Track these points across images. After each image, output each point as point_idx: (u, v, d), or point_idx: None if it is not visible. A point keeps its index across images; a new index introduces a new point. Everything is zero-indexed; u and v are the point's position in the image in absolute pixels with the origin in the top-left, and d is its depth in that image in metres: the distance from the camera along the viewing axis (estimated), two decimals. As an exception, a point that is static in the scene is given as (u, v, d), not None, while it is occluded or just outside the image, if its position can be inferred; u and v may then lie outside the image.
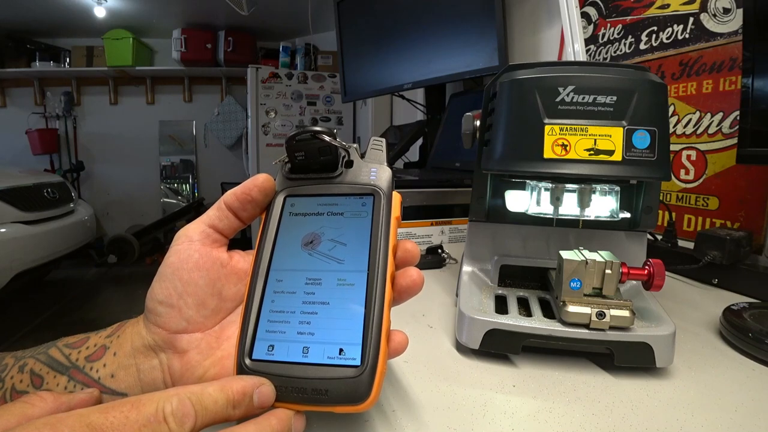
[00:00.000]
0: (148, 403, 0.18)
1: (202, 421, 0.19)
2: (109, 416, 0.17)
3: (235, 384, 0.21)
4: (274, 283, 0.26)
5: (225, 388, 0.20)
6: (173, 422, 0.18)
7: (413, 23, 1.20)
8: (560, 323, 0.34)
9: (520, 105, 0.36)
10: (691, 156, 0.71)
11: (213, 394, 0.20)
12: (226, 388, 0.20)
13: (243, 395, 0.20)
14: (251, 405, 0.21)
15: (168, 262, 0.26)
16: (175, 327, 0.26)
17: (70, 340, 0.28)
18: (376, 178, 0.28)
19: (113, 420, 0.17)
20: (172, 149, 3.86)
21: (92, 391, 0.25)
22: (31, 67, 3.38)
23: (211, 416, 0.19)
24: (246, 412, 0.21)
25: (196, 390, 0.19)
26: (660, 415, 0.28)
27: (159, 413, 0.18)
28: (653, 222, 0.42)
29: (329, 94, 3.22)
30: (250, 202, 0.27)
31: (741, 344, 0.37)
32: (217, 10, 2.83)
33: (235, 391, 0.20)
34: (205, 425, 0.19)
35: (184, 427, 0.18)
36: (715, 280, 0.54)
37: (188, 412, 0.18)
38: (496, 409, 0.29)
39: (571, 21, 0.74)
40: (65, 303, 2.67)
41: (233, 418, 0.20)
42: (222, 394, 0.20)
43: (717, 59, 0.66)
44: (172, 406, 0.18)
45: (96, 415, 0.17)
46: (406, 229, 0.75)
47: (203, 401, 0.19)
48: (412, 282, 0.26)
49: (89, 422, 0.16)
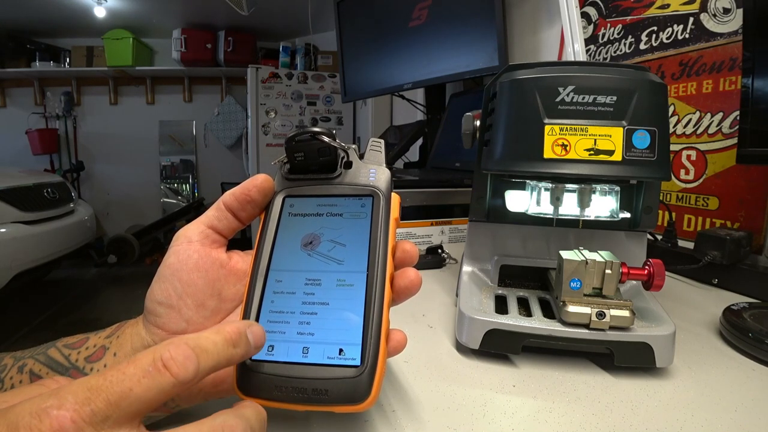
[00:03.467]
0: (144, 356, 0.18)
1: (206, 363, 0.18)
2: (108, 377, 0.17)
3: (229, 326, 0.20)
4: (274, 284, 0.26)
5: (220, 330, 0.20)
6: (175, 367, 0.17)
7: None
8: (560, 323, 0.34)
9: (520, 105, 0.36)
10: (691, 156, 0.71)
11: (210, 336, 0.19)
12: (221, 330, 0.20)
13: (239, 334, 0.20)
14: (248, 344, 0.21)
15: (167, 263, 0.26)
16: (175, 328, 0.26)
17: (70, 340, 0.28)
18: (375, 179, 0.28)
19: (111, 379, 0.17)
20: (172, 149, 3.86)
21: None
22: (31, 67, 3.38)
23: (213, 358, 0.19)
24: (245, 352, 0.21)
25: (192, 336, 0.19)
26: (660, 415, 0.28)
27: (157, 362, 0.17)
28: (653, 222, 0.42)
29: (329, 94, 3.22)
30: (249, 203, 0.27)
31: (741, 344, 0.37)
32: (217, 10, 2.83)
33: (230, 331, 0.20)
34: (210, 369, 0.19)
35: (188, 370, 0.18)
36: (715, 280, 0.54)
37: (189, 354, 0.18)
38: (496, 409, 0.29)
39: (571, 21, 0.74)
40: (65, 303, 2.67)
41: (235, 358, 0.20)
42: (219, 335, 0.20)
43: (717, 59, 0.66)
44: (170, 352, 0.18)
45: (95, 379, 0.17)
46: (406, 229, 0.75)
47: (202, 344, 0.19)
48: (410, 282, 0.26)
49: (89, 386, 0.16)
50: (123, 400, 0.16)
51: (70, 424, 0.15)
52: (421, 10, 1.18)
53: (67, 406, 0.16)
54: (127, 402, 0.17)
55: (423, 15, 1.17)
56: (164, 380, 0.17)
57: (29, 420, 0.15)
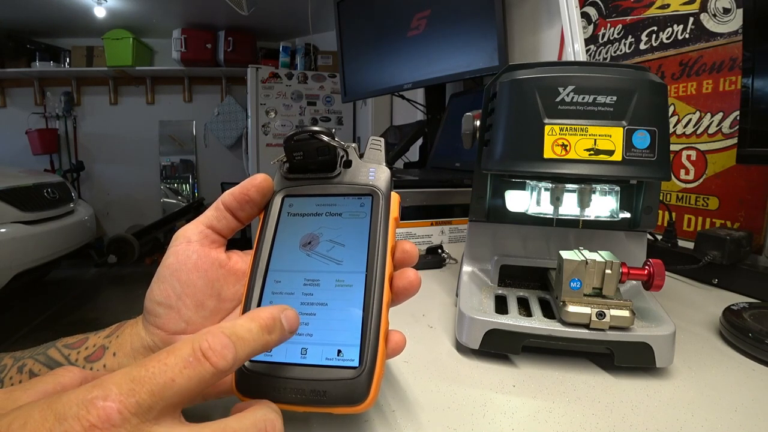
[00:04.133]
0: (183, 346, 0.18)
1: (243, 350, 0.19)
2: (149, 368, 0.17)
3: (263, 312, 0.20)
4: (273, 284, 0.25)
5: (254, 317, 0.20)
6: (214, 357, 0.18)
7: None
8: (560, 323, 0.34)
9: (520, 105, 0.36)
10: (691, 156, 0.70)
11: (245, 324, 0.19)
12: (256, 317, 0.20)
13: (273, 320, 0.20)
14: (283, 329, 0.21)
15: (166, 263, 0.26)
16: (174, 328, 0.26)
17: (69, 340, 0.28)
18: (375, 179, 0.28)
19: (153, 370, 0.17)
20: (172, 149, 3.86)
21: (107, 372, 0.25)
22: (31, 67, 3.38)
23: (250, 345, 0.19)
24: (280, 338, 0.21)
25: (228, 324, 0.19)
26: (660, 415, 0.28)
27: (197, 352, 0.17)
28: (653, 222, 0.42)
29: (329, 94, 3.22)
30: (248, 202, 0.27)
31: (741, 344, 0.37)
32: (217, 10, 2.83)
33: (265, 317, 0.20)
34: (246, 356, 0.19)
35: (226, 359, 0.18)
36: (715, 280, 0.54)
37: (226, 343, 0.18)
38: (496, 409, 0.29)
39: (571, 21, 0.74)
40: (65, 303, 2.67)
41: (270, 344, 0.20)
42: (254, 323, 0.20)
43: (717, 59, 0.66)
44: (208, 342, 0.18)
45: (137, 370, 0.17)
46: (406, 229, 0.75)
47: (237, 332, 0.19)
48: (409, 283, 0.26)
49: (132, 377, 0.17)
50: (166, 391, 0.17)
51: (117, 414, 0.16)
52: (420, 20, 1.18)
53: (113, 397, 0.16)
54: (171, 392, 0.17)
55: (422, 25, 1.18)
56: (205, 370, 0.17)
57: (77, 410, 0.16)
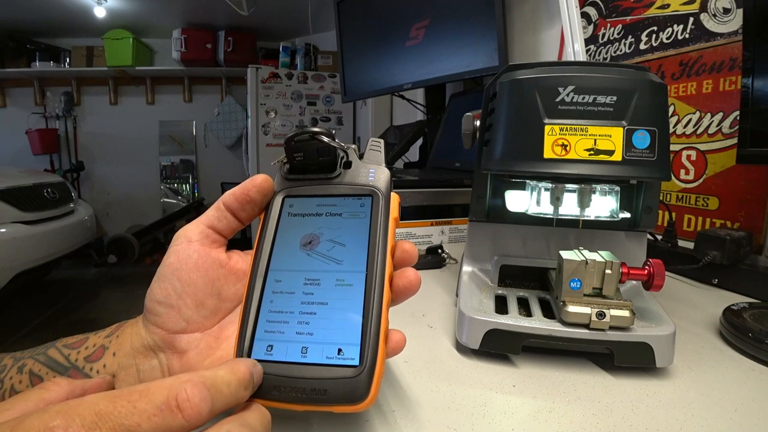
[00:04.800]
0: (157, 391, 0.17)
1: (218, 405, 0.18)
2: (117, 405, 0.16)
3: (241, 366, 0.21)
4: (273, 284, 0.26)
5: (234, 370, 0.20)
6: (189, 410, 0.17)
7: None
8: (560, 323, 0.34)
9: (520, 105, 0.36)
10: (691, 156, 0.70)
11: (225, 377, 0.19)
12: (236, 370, 0.20)
13: (250, 375, 0.21)
14: (254, 384, 0.21)
15: (167, 262, 0.26)
16: (175, 327, 0.26)
17: (69, 340, 0.28)
18: (375, 179, 0.28)
19: (121, 409, 0.16)
20: (172, 149, 3.86)
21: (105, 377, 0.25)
22: (31, 67, 3.38)
23: (225, 401, 0.19)
24: (249, 394, 0.21)
25: (209, 375, 0.19)
26: (660, 415, 0.28)
27: (171, 401, 0.17)
28: (653, 222, 0.42)
29: (329, 94, 3.22)
30: (248, 203, 0.27)
31: (741, 344, 0.37)
32: (217, 10, 2.83)
33: (243, 372, 0.20)
34: (219, 410, 0.19)
35: (201, 414, 0.17)
36: (715, 280, 0.54)
37: (205, 396, 0.18)
38: (496, 409, 0.29)
39: (571, 21, 0.74)
40: (65, 303, 2.67)
41: (242, 400, 0.20)
42: (233, 376, 0.20)
43: (717, 59, 0.66)
44: (186, 392, 0.17)
45: (104, 404, 0.16)
46: (406, 229, 0.75)
47: (217, 385, 0.19)
48: (409, 283, 0.26)
49: (98, 411, 0.16)
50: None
51: None
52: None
53: (74, 429, 0.16)
54: None
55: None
56: (175, 422, 0.17)
57: None
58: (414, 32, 1.20)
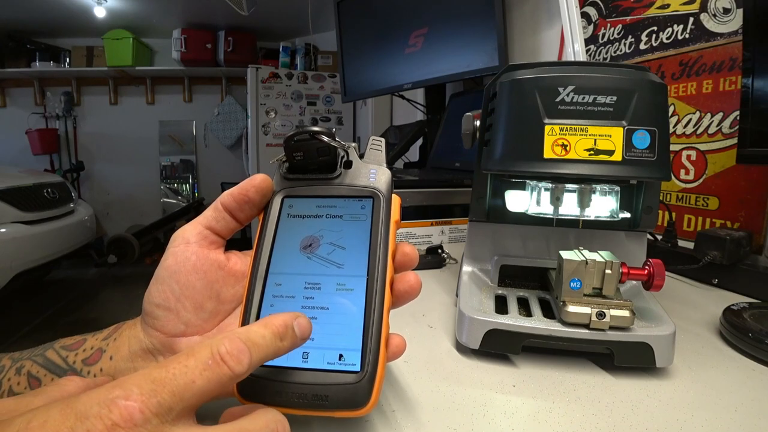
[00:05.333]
0: (202, 350, 0.18)
1: (257, 356, 0.19)
2: (170, 369, 0.17)
3: (276, 319, 0.21)
4: (273, 287, 0.25)
5: (268, 324, 0.21)
6: (231, 361, 0.18)
7: (414, 12, 1.20)
8: (560, 323, 0.34)
9: (520, 105, 0.36)
10: (691, 156, 0.70)
11: (259, 330, 0.20)
12: (269, 323, 0.21)
13: (286, 327, 0.21)
14: (295, 336, 0.21)
15: (165, 264, 0.26)
16: (173, 330, 0.26)
17: (67, 341, 0.27)
18: (375, 180, 0.27)
19: (174, 371, 0.17)
20: (172, 149, 3.85)
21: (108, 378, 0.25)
22: (31, 67, 3.38)
23: (263, 351, 0.20)
24: (291, 345, 0.21)
25: (243, 330, 0.20)
26: (660, 415, 0.28)
27: (215, 356, 0.18)
28: (653, 222, 0.42)
29: (329, 94, 3.22)
30: (247, 203, 0.27)
31: (741, 344, 0.37)
32: (217, 10, 2.83)
33: (278, 324, 0.21)
34: (260, 361, 0.20)
35: (242, 364, 0.19)
36: (715, 280, 0.54)
37: (242, 348, 0.19)
38: (496, 409, 0.29)
39: (571, 21, 0.74)
40: (65, 303, 2.67)
41: (282, 351, 0.21)
42: (267, 329, 0.20)
43: (717, 59, 0.66)
44: (225, 346, 0.18)
45: (157, 371, 0.17)
46: (406, 229, 0.75)
47: (252, 338, 0.19)
48: (410, 287, 0.26)
49: (153, 378, 0.17)
50: (186, 392, 0.17)
51: (139, 414, 0.16)
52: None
53: (134, 397, 0.16)
54: (191, 393, 0.17)
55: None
56: (223, 373, 0.18)
57: (98, 410, 0.16)
58: (413, 40, 1.21)
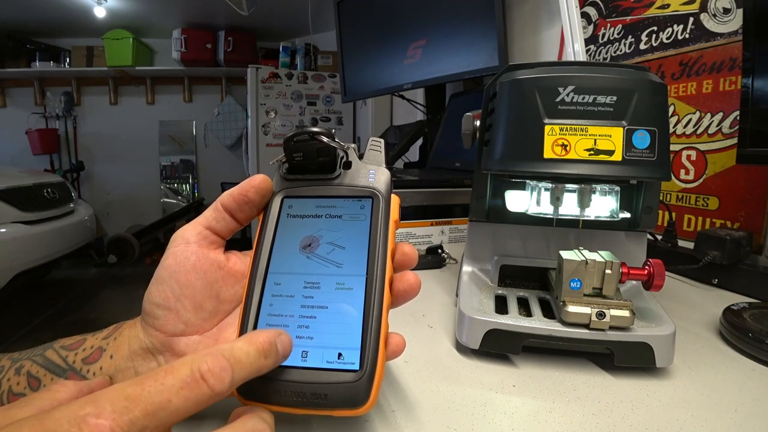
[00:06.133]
0: (181, 367, 0.18)
1: (240, 374, 0.19)
2: (145, 386, 0.17)
3: (260, 336, 0.21)
4: (273, 287, 0.25)
5: (253, 340, 0.20)
6: (212, 379, 0.18)
7: (413, 23, 1.21)
8: (560, 323, 0.34)
9: (520, 105, 0.36)
10: (691, 156, 0.70)
11: (243, 347, 0.20)
12: (254, 340, 0.20)
13: (270, 344, 0.21)
14: (278, 354, 0.21)
15: (165, 264, 0.26)
16: (173, 330, 0.26)
17: (67, 341, 0.28)
18: (375, 180, 0.27)
19: (150, 389, 0.17)
20: (172, 149, 3.85)
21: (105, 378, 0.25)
22: (31, 67, 3.38)
23: (246, 369, 0.19)
24: (274, 363, 0.21)
25: (227, 346, 0.19)
26: (660, 415, 0.28)
27: (195, 374, 0.18)
28: (653, 222, 0.42)
29: (329, 94, 3.22)
30: (246, 203, 0.27)
31: (741, 344, 0.37)
32: (217, 10, 2.83)
33: (263, 341, 0.20)
34: (242, 379, 0.19)
35: (224, 382, 0.18)
36: (715, 280, 0.54)
37: (225, 366, 0.18)
38: (496, 409, 0.29)
39: (571, 21, 0.74)
40: (65, 303, 2.67)
41: (265, 368, 0.20)
42: (251, 346, 0.20)
43: (717, 59, 0.66)
44: (207, 364, 0.18)
45: (132, 388, 0.17)
46: (406, 229, 0.75)
47: (236, 355, 0.19)
48: (409, 286, 0.26)
49: (127, 395, 0.16)
50: (161, 411, 0.17)
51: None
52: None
53: (106, 415, 0.16)
54: (166, 413, 0.17)
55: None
56: (202, 392, 0.17)
57: (68, 428, 0.15)
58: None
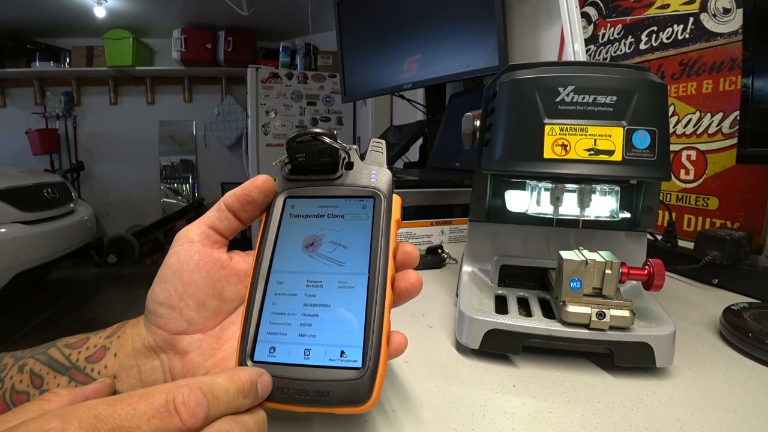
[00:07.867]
0: (157, 395, 0.17)
1: (215, 411, 0.19)
2: (117, 408, 0.17)
3: (243, 374, 0.21)
4: (275, 285, 0.26)
5: (234, 378, 0.20)
6: (185, 413, 0.17)
7: (413, 23, 1.21)
8: (560, 323, 0.34)
9: (520, 105, 0.36)
10: (691, 156, 0.71)
11: (223, 383, 0.20)
12: (235, 377, 0.20)
13: (251, 384, 0.21)
14: (257, 394, 0.21)
15: (168, 263, 0.26)
16: (176, 328, 0.26)
17: (70, 340, 0.28)
18: (377, 181, 0.28)
19: (121, 412, 0.17)
20: (172, 149, 3.85)
21: (104, 381, 0.25)
22: (31, 67, 3.38)
23: (222, 407, 0.19)
24: (252, 403, 0.21)
25: (207, 380, 0.19)
26: (660, 415, 0.28)
27: (169, 404, 0.17)
28: (653, 222, 0.42)
29: (329, 94, 3.22)
30: (249, 203, 0.27)
31: (741, 344, 0.37)
32: (217, 10, 2.83)
33: (243, 380, 0.20)
34: (217, 416, 0.19)
35: (196, 417, 0.18)
36: (715, 280, 0.54)
37: (200, 401, 0.18)
38: (496, 409, 0.29)
39: (571, 21, 0.74)
40: (65, 303, 2.67)
41: (242, 408, 0.20)
42: (232, 383, 0.20)
43: (717, 59, 0.66)
44: (183, 395, 0.18)
45: (103, 407, 0.17)
46: (406, 229, 0.75)
47: (214, 391, 0.19)
48: (410, 285, 0.26)
49: (97, 414, 0.16)
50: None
51: None
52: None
53: (71, 431, 0.15)
54: None
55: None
56: (173, 424, 0.17)
57: None
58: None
